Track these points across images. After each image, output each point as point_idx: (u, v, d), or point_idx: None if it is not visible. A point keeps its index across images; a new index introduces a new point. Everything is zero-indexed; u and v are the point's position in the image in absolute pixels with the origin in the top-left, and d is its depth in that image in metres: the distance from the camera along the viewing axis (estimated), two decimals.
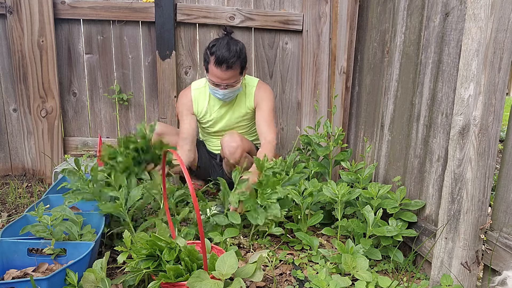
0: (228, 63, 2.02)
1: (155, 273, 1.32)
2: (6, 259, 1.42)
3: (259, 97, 2.28)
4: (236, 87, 2.16)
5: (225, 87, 2.12)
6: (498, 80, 1.24)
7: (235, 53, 2.04)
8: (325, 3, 2.57)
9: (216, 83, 2.11)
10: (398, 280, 1.55)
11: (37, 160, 2.68)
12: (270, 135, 2.22)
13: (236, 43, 2.10)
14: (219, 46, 2.04)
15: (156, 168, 1.93)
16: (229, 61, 2.02)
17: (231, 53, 2.02)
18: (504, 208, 1.29)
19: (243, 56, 2.10)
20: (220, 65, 2.03)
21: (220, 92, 2.15)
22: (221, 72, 2.05)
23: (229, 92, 2.16)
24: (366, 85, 2.19)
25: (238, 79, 2.14)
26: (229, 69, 2.04)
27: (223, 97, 2.18)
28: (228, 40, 2.09)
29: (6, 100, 2.65)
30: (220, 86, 2.12)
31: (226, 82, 2.09)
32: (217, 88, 2.14)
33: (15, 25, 2.50)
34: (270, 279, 1.54)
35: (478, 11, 1.23)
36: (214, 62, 2.04)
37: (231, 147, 2.15)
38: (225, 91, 2.14)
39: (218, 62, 2.03)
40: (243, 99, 2.31)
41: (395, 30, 1.86)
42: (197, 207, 1.20)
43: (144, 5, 2.55)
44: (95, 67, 2.69)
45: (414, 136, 1.70)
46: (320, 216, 1.81)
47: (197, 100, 2.32)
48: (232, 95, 2.20)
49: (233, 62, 2.04)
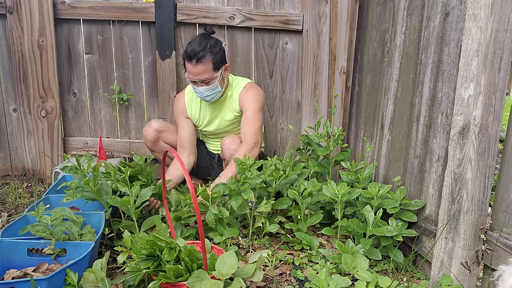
0: (198, 57, 2.04)
1: (155, 273, 1.32)
2: (6, 259, 1.42)
3: (244, 99, 2.26)
4: (212, 85, 2.13)
5: (201, 84, 2.12)
6: (498, 80, 1.24)
7: (205, 47, 2.05)
8: (325, 3, 2.57)
9: (191, 80, 2.13)
10: (398, 280, 1.55)
11: (37, 160, 2.68)
12: (249, 135, 2.17)
13: (209, 39, 2.11)
14: (192, 43, 2.08)
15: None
16: (198, 54, 2.03)
17: (200, 47, 2.04)
18: (504, 208, 1.29)
19: (215, 51, 2.09)
20: (190, 60, 2.06)
21: (198, 90, 2.15)
22: (191, 66, 2.07)
23: (207, 90, 2.14)
24: (366, 85, 2.19)
25: (212, 76, 2.10)
26: (199, 62, 2.05)
27: (201, 95, 2.17)
28: (201, 36, 2.11)
29: (6, 100, 2.65)
30: (195, 83, 2.13)
31: (199, 77, 2.09)
32: (195, 86, 2.15)
33: (15, 25, 2.50)
34: (270, 279, 1.54)
35: (478, 11, 1.23)
36: (186, 57, 2.07)
37: (232, 150, 2.16)
38: (202, 88, 2.12)
39: (188, 57, 2.06)
40: (230, 102, 2.30)
41: (395, 30, 1.86)
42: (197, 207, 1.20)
43: (144, 5, 2.55)
44: (95, 67, 2.69)
45: (414, 136, 1.70)
46: (320, 216, 1.81)
47: (190, 104, 2.33)
48: (211, 95, 2.17)
49: (202, 56, 2.04)
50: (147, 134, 2.36)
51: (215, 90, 2.16)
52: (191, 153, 2.35)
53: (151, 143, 2.38)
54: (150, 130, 2.35)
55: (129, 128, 2.80)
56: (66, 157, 1.71)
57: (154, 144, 2.38)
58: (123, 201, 1.62)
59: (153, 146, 2.39)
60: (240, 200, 1.74)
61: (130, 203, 1.63)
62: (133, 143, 2.77)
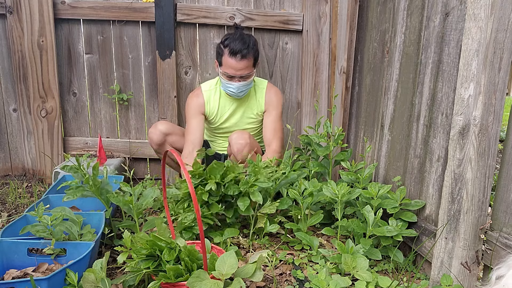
0: (243, 53, 2.09)
1: (155, 273, 1.32)
2: (6, 259, 1.42)
3: (270, 101, 2.32)
4: (249, 80, 2.20)
5: (239, 79, 2.16)
6: (498, 80, 1.24)
7: (249, 43, 2.12)
8: (325, 3, 2.57)
9: (230, 75, 2.15)
10: (398, 280, 1.55)
11: (37, 160, 2.68)
12: (275, 143, 2.27)
13: (249, 35, 2.19)
14: (233, 39, 2.12)
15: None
16: (243, 51, 2.09)
17: (245, 44, 2.10)
18: (504, 208, 1.29)
19: (256, 48, 2.18)
20: (234, 55, 2.09)
21: (235, 86, 2.17)
22: (235, 62, 2.10)
23: (243, 86, 2.18)
24: (366, 85, 2.19)
25: (252, 72, 2.18)
26: (244, 58, 2.10)
27: (237, 91, 2.19)
28: (240, 33, 2.17)
29: (6, 100, 2.65)
30: (234, 78, 2.15)
31: (241, 73, 2.13)
32: (231, 82, 2.17)
33: (15, 25, 2.50)
34: (270, 279, 1.54)
35: (478, 11, 1.23)
36: (229, 53, 2.10)
37: (240, 144, 2.15)
38: (239, 84, 2.16)
39: (232, 53, 2.09)
40: (253, 100, 2.33)
41: (395, 30, 1.86)
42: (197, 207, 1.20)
43: (144, 5, 2.55)
44: (95, 67, 2.69)
45: (414, 136, 1.70)
46: (320, 216, 1.81)
47: (208, 101, 2.33)
48: (245, 90, 2.22)
49: (247, 52, 2.11)
50: (153, 137, 2.32)
51: (249, 86, 2.23)
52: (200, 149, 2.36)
53: (157, 146, 2.36)
54: (156, 132, 2.31)
55: (129, 128, 2.80)
56: (66, 157, 1.70)
57: (160, 147, 2.36)
58: (125, 200, 1.62)
59: (159, 149, 2.37)
60: (248, 202, 1.75)
61: (133, 203, 1.63)
62: (133, 143, 2.77)
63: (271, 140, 2.28)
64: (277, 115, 2.32)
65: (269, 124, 2.31)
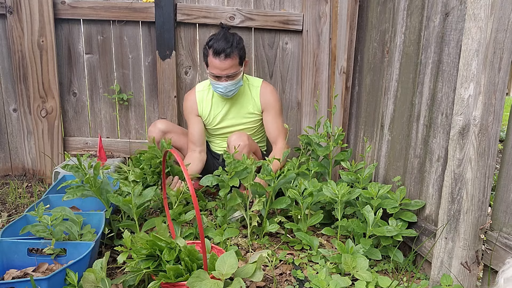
0: (226, 52, 2.08)
1: (155, 273, 1.32)
2: (6, 259, 1.42)
3: (267, 100, 2.31)
4: (236, 78, 2.18)
5: (226, 79, 2.15)
6: (498, 80, 1.24)
7: (232, 42, 2.10)
8: (325, 3, 2.57)
9: (216, 75, 2.14)
10: (398, 280, 1.55)
11: (37, 160, 2.68)
12: (281, 141, 2.29)
13: (232, 34, 2.17)
14: (216, 39, 2.11)
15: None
16: (226, 50, 2.07)
17: (228, 43, 2.09)
18: (504, 208, 1.29)
19: (240, 46, 2.15)
20: (218, 55, 2.08)
21: (222, 85, 2.16)
22: (220, 62, 2.09)
23: (231, 85, 2.17)
24: (366, 85, 2.19)
25: (238, 70, 2.16)
26: (228, 58, 2.09)
27: (225, 90, 2.18)
28: (224, 32, 2.16)
29: (6, 100, 2.65)
30: (221, 78, 2.15)
31: (226, 72, 2.12)
32: (219, 82, 2.16)
33: (15, 25, 2.50)
34: (270, 279, 1.54)
35: (478, 11, 1.23)
36: (213, 53, 2.10)
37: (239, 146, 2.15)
38: (227, 83, 2.16)
39: (216, 53, 2.08)
40: (248, 99, 2.32)
41: (395, 30, 1.86)
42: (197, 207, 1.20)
43: (144, 5, 2.55)
44: (95, 67, 2.69)
45: (414, 136, 1.70)
46: (320, 216, 1.81)
47: (201, 102, 2.34)
48: (233, 89, 2.21)
49: (231, 51, 2.09)
50: (152, 135, 2.34)
51: (238, 85, 2.22)
52: (202, 150, 2.38)
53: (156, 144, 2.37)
54: (155, 130, 2.33)
55: (129, 128, 2.80)
56: (67, 156, 1.70)
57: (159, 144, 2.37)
58: (125, 200, 1.62)
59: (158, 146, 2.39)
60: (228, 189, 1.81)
61: (132, 203, 1.63)
62: (133, 143, 2.77)
63: (276, 138, 2.30)
64: (277, 113, 2.32)
65: (270, 123, 2.31)
